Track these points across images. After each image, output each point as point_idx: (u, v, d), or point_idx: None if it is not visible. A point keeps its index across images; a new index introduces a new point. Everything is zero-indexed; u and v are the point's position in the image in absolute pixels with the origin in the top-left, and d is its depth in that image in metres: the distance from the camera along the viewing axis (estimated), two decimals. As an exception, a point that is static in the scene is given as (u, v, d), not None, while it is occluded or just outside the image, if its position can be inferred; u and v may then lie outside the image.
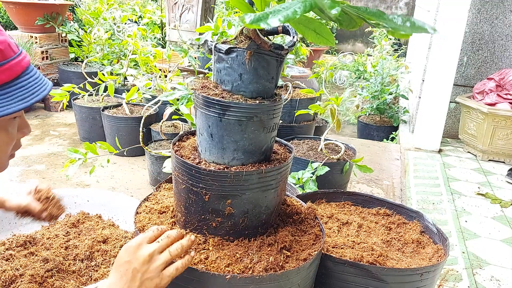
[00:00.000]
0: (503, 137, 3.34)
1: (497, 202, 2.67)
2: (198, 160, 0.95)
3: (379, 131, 4.19)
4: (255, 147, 0.92)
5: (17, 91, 0.75)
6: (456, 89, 3.87)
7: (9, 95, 0.73)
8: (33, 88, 0.77)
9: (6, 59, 0.74)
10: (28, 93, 0.76)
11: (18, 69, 0.75)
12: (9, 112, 0.72)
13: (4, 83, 0.73)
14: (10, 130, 0.82)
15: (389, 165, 3.04)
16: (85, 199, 1.58)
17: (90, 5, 4.74)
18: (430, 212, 2.48)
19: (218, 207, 0.92)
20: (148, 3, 6.42)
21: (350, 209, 1.46)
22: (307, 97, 2.60)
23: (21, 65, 0.76)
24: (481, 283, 1.86)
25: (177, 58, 3.48)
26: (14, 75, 0.75)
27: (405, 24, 0.52)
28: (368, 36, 6.48)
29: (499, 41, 3.76)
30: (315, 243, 1.00)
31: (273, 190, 0.96)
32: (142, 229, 0.99)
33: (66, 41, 4.29)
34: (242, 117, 0.88)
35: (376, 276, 1.05)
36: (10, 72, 0.74)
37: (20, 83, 0.75)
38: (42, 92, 0.78)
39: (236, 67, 0.88)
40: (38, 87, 0.78)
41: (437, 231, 1.28)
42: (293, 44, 0.89)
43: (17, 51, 0.77)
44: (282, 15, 0.49)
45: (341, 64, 6.39)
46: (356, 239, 1.22)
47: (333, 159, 2.04)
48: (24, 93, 0.75)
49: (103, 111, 2.85)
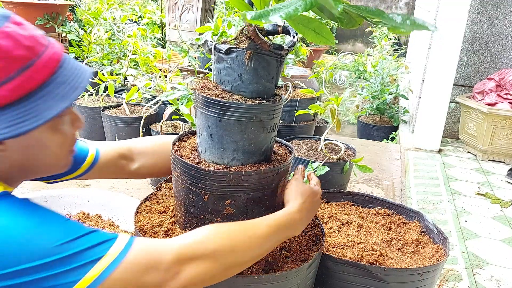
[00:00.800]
0: (503, 137, 3.34)
1: (497, 202, 2.67)
2: (197, 160, 0.95)
3: (379, 131, 4.19)
4: (255, 148, 0.92)
5: (58, 88, 0.68)
6: (456, 89, 3.87)
7: (51, 94, 0.67)
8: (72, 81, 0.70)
9: (37, 55, 0.67)
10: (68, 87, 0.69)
11: (53, 64, 0.69)
12: (56, 112, 0.66)
13: (43, 82, 0.67)
14: (64, 128, 0.76)
15: (389, 165, 3.04)
16: (85, 199, 1.58)
17: (90, 5, 4.74)
18: (430, 212, 2.48)
19: (217, 207, 0.92)
20: (148, 3, 6.42)
21: (350, 209, 1.46)
22: (307, 97, 2.60)
23: (55, 58, 0.69)
24: (481, 283, 1.86)
25: (177, 58, 3.48)
26: (50, 72, 0.68)
27: (405, 22, 0.52)
28: (368, 36, 6.48)
29: (499, 41, 3.76)
30: (315, 244, 1.00)
31: (273, 191, 0.96)
32: (142, 228, 0.99)
33: (66, 41, 4.29)
34: (241, 117, 0.88)
35: (376, 276, 1.05)
36: (46, 69, 0.67)
37: (58, 78, 0.69)
38: (81, 84, 0.71)
39: (236, 67, 0.88)
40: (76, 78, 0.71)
41: (437, 231, 1.28)
42: (293, 44, 0.89)
43: (45, 43, 0.69)
44: (284, 12, 0.49)
45: (341, 64, 6.40)
46: (356, 239, 1.22)
47: (333, 159, 2.04)
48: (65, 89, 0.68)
49: (103, 111, 2.85)
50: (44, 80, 0.67)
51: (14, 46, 0.64)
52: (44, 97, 0.66)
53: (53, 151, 0.75)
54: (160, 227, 1.00)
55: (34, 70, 0.66)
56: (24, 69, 0.65)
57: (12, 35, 0.65)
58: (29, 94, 0.66)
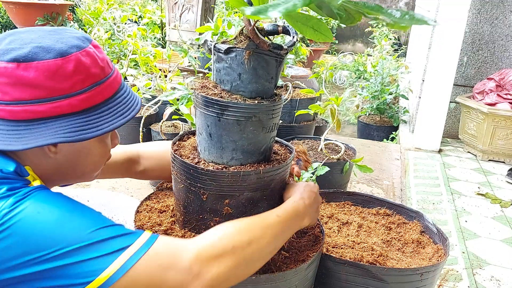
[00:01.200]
0: (503, 137, 3.33)
1: (497, 202, 2.67)
2: (197, 159, 0.95)
3: (379, 131, 4.19)
4: (254, 147, 0.92)
5: (117, 106, 0.79)
6: (456, 89, 3.87)
7: (111, 110, 0.78)
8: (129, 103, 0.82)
9: (106, 76, 0.78)
10: (125, 107, 0.80)
11: (116, 85, 0.80)
12: (113, 127, 0.77)
13: (106, 99, 0.78)
14: (107, 142, 0.86)
15: (389, 165, 3.04)
16: (85, 199, 1.57)
17: (90, 5, 4.74)
18: (430, 212, 2.47)
19: (216, 207, 0.92)
20: (148, 3, 6.42)
21: (350, 209, 1.45)
22: (307, 97, 2.60)
23: (117, 81, 0.81)
24: (481, 283, 1.86)
25: (177, 58, 3.48)
26: (113, 91, 0.79)
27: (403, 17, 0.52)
28: (368, 36, 6.48)
29: (499, 41, 3.75)
30: (314, 244, 1.00)
31: (272, 191, 0.95)
32: (141, 228, 0.99)
33: (66, 41, 4.29)
34: (240, 117, 0.88)
35: (376, 276, 1.05)
36: (111, 88, 0.79)
37: (118, 98, 0.80)
38: (135, 106, 0.82)
39: (235, 67, 0.88)
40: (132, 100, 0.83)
41: (437, 231, 1.28)
42: (293, 44, 0.89)
43: (112, 67, 0.81)
44: (283, 7, 0.49)
45: (341, 64, 6.40)
46: (356, 239, 1.22)
47: (333, 159, 2.04)
48: (123, 108, 0.80)
49: (103, 111, 2.84)
50: (108, 97, 0.78)
51: (92, 64, 0.76)
52: (106, 112, 0.77)
53: (94, 160, 0.85)
54: (160, 226, 1.00)
55: (103, 87, 0.77)
56: (96, 84, 0.76)
57: (92, 55, 0.77)
58: (95, 107, 0.76)
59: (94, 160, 0.85)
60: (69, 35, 0.76)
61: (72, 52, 0.74)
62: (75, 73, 0.73)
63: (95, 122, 0.75)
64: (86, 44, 0.77)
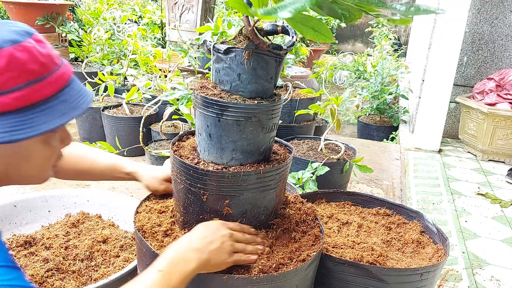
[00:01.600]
0: (503, 137, 3.33)
1: (497, 202, 2.67)
2: (196, 160, 0.95)
3: (379, 131, 4.19)
4: (253, 147, 0.92)
5: (59, 105, 0.73)
6: (456, 89, 3.87)
7: (52, 109, 0.71)
8: (75, 101, 0.75)
9: (49, 72, 0.72)
10: (69, 106, 0.74)
11: (62, 82, 0.74)
12: (51, 127, 0.70)
13: (47, 97, 0.72)
14: (53, 144, 0.80)
15: (389, 165, 3.04)
16: (85, 199, 1.57)
17: (90, 5, 4.74)
18: (430, 212, 2.47)
19: (216, 207, 0.92)
20: (148, 3, 6.42)
21: (350, 209, 1.45)
22: (307, 97, 2.60)
23: (64, 77, 0.75)
24: (481, 283, 1.86)
25: (177, 58, 3.48)
26: (57, 89, 0.73)
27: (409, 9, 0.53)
28: (368, 36, 6.48)
29: (499, 41, 3.75)
30: (314, 244, 1.00)
31: (272, 191, 0.95)
32: (141, 228, 0.99)
33: (66, 41, 4.29)
34: (240, 117, 0.88)
35: (376, 276, 1.05)
36: (53, 86, 0.72)
37: (62, 96, 0.74)
38: (82, 105, 0.76)
39: (235, 67, 0.88)
40: (79, 99, 0.76)
41: (437, 231, 1.28)
42: (292, 44, 0.89)
43: (59, 63, 0.75)
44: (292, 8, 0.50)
45: (341, 64, 6.40)
46: (356, 239, 1.21)
47: (333, 159, 2.04)
48: (66, 107, 0.73)
49: (103, 111, 2.85)
50: (49, 96, 0.72)
51: (29, 60, 0.70)
52: (44, 111, 0.71)
53: (37, 163, 0.78)
54: (160, 227, 1.00)
55: (42, 85, 0.71)
56: (33, 82, 0.70)
57: (30, 50, 0.70)
58: (32, 105, 0.70)
59: (37, 164, 0.78)
60: (6, 29, 0.71)
61: (4, 46, 0.68)
62: (7, 70, 0.67)
63: (30, 121, 0.69)
64: (24, 38, 0.71)
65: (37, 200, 1.51)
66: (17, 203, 1.47)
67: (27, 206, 1.49)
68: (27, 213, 1.49)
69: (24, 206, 1.48)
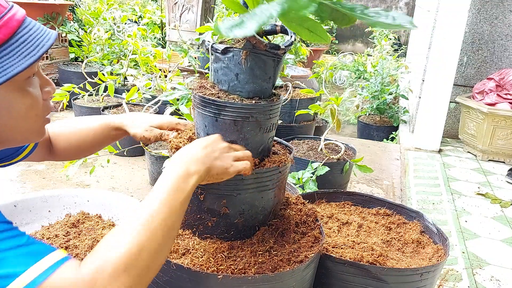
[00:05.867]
0: (503, 137, 3.33)
1: (497, 202, 2.67)
2: (196, 160, 0.95)
3: (379, 131, 4.19)
4: (251, 147, 0.92)
5: (20, 47, 0.69)
6: (456, 89, 3.87)
7: (12, 53, 0.68)
8: (36, 40, 0.71)
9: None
10: (31, 46, 0.70)
11: (14, 24, 0.70)
12: (17, 71, 0.67)
13: (3, 42, 0.68)
14: (31, 90, 0.75)
15: (389, 165, 3.04)
16: (85, 199, 1.57)
17: (90, 5, 4.74)
18: (430, 212, 2.47)
19: (213, 207, 0.92)
20: (148, 3, 6.42)
21: (350, 209, 1.45)
22: (307, 97, 2.60)
23: (16, 19, 0.70)
24: (481, 283, 1.86)
25: (177, 58, 3.48)
26: (11, 32, 0.69)
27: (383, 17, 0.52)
28: (368, 36, 6.47)
29: (499, 41, 3.75)
30: (313, 245, 1.00)
31: (270, 191, 0.95)
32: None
33: (66, 41, 4.29)
34: (237, 117, 0.88)
35: (376, 276, 1.05)
36: (6, 29, 0.68)
37: (20, 37, 0.70)
38: (46, 42, 0.72)
39: (233, 67, 0.88)
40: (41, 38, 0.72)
41: (437, 231, 1.28)
42: (291, 44, 0.89)
43: (7, 6, 0.71)
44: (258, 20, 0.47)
45: (341, 64, 6.39)
46: (356, 239, 1.21)
47: (333, 159, 2.04)
48: (28, 48, 0.70)
49: (103, 111, 2.85)
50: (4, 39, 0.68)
51: None
52: (6, 56, 0.67)
53: (21, 114, 0.74)
54: (160, 227, 1.00)
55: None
56: None
57: None
58: None
59: (21, 115, 0.74)
60: None
61: None
62: None
63: None
64: None
65: (37, 200, 1.51)
66: (17, 203, 1.47)
67: (27, 206, 1.49)
68: (27, 213, 1.49)
69: (24, 206, 1.48)
